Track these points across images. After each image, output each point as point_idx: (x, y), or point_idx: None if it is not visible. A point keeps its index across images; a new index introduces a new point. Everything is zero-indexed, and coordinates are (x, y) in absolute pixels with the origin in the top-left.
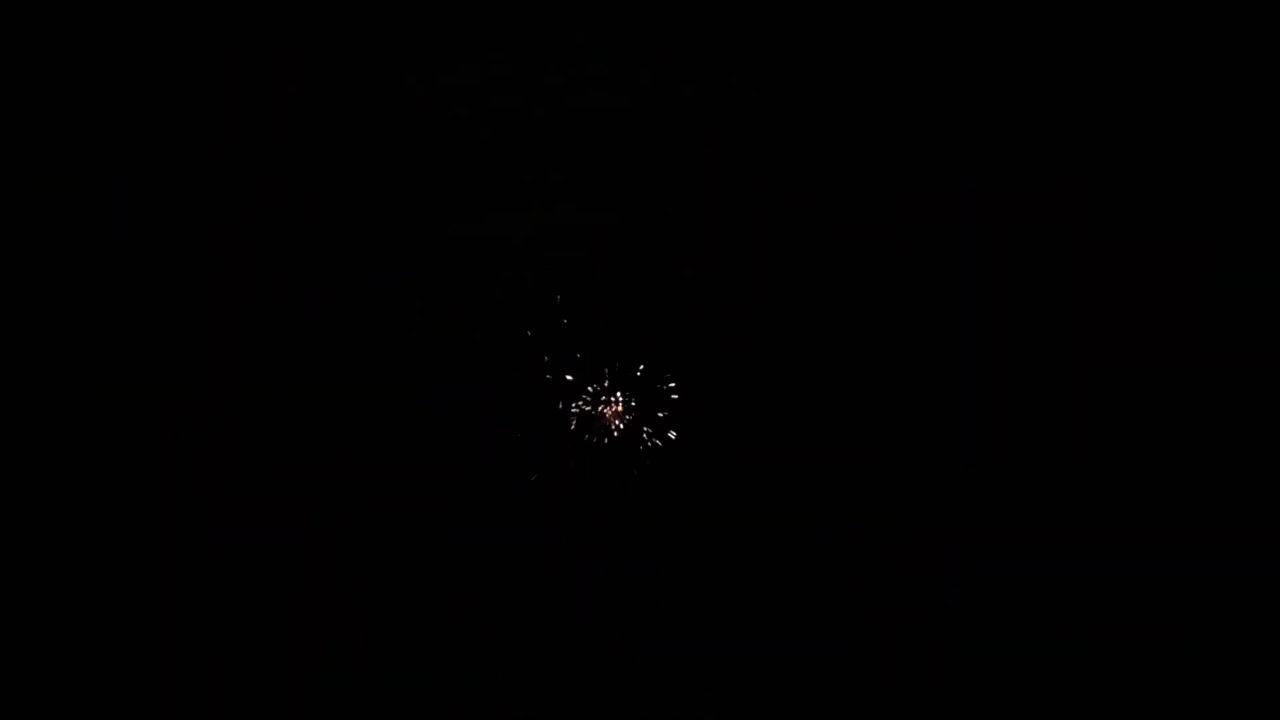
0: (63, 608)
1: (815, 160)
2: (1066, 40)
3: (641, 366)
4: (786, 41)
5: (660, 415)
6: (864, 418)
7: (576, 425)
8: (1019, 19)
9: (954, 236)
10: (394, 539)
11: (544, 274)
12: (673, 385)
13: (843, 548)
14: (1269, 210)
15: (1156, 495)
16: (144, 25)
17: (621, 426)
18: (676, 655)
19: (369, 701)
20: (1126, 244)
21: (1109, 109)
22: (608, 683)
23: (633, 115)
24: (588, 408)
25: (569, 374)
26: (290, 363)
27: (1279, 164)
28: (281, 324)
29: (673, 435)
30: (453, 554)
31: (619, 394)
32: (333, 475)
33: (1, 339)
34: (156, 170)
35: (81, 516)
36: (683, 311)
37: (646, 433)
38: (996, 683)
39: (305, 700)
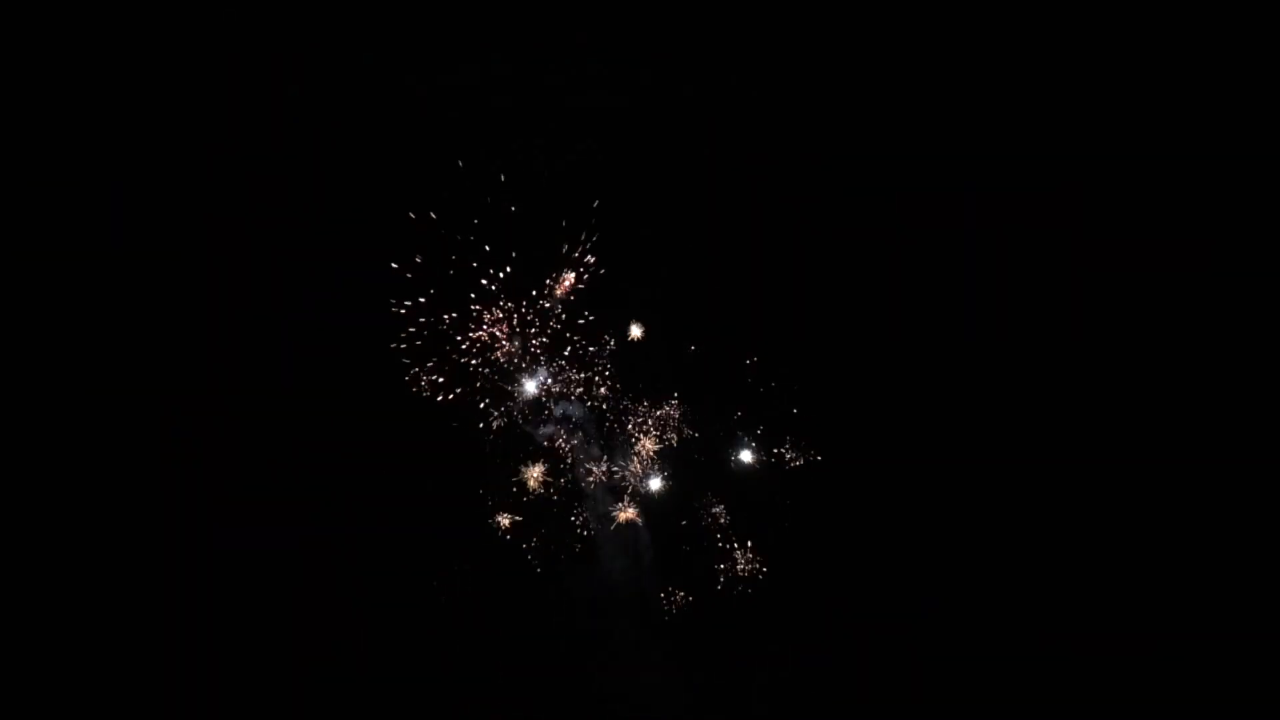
0: (63, 606)
1: (815, 160)
2: (1066, 40)
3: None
4: (786, 41)
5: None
6: (863, 417)
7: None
8: (1020, 19)
9: (954, 236)
10: (393, 539)
11: (544, 274)
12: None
13: (841, 547)
14: (1269, 210)
15: (1156, 495)
16: (144, 25)
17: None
18: (676, 655)
19: (369, 701)
20: (1126, 244)
21: (1109, 109)
22: (608, 682)
23: (633, 115)
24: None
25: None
26: (290, 363)
27: (1279, 164)
28: (281, 324)
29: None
30: (452, 554)
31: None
32: (332, 475)
33: (2, 339)
34: (156, 170)
35: (82, 516)
36: (682, 310)
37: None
38: (992, 687)
39: (305, 699)
